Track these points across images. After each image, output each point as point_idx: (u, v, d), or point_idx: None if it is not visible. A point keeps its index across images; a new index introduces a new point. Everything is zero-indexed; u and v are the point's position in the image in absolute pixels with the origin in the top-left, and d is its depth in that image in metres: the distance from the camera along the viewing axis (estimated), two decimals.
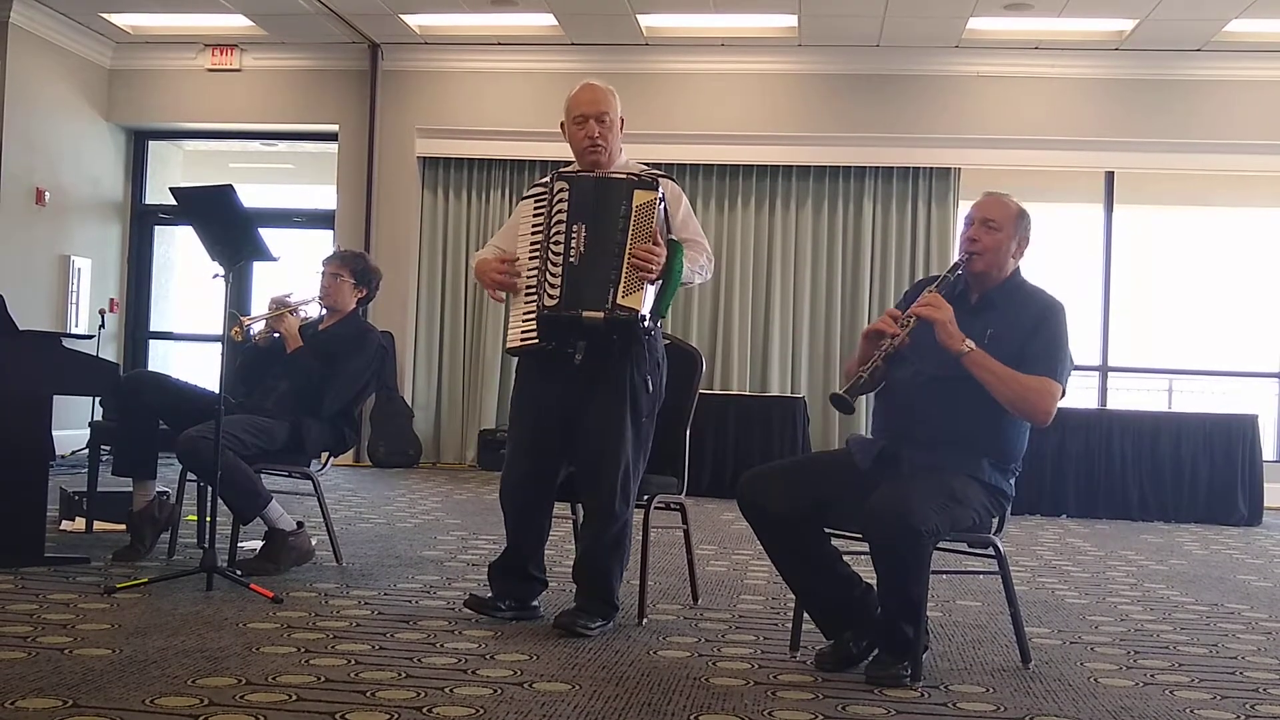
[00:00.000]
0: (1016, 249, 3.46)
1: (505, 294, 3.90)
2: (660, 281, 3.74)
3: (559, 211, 3.77)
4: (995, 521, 3.46)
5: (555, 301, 3.71)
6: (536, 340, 3.77)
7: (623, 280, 3.66)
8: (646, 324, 3.72)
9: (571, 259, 3.72)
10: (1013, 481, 3.46)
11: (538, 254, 3.78)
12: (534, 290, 3.76)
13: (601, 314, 3.67)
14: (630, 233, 3.67)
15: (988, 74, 9.70)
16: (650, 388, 3.84)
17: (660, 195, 3.73)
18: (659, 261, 3.68)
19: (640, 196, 3.70)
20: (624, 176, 3.80)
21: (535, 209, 3.84)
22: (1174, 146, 9.54)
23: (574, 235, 3.73)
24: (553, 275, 3.72)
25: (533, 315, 3.76)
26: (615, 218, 3.70)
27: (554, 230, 3.76)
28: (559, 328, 3.74)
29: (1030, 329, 3.37)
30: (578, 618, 3.75)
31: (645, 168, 3.94)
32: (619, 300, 3.65)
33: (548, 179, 3.87)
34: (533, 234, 3.81)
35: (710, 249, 3.98)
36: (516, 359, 4.03)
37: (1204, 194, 10.05)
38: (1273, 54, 9.29)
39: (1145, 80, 9.55)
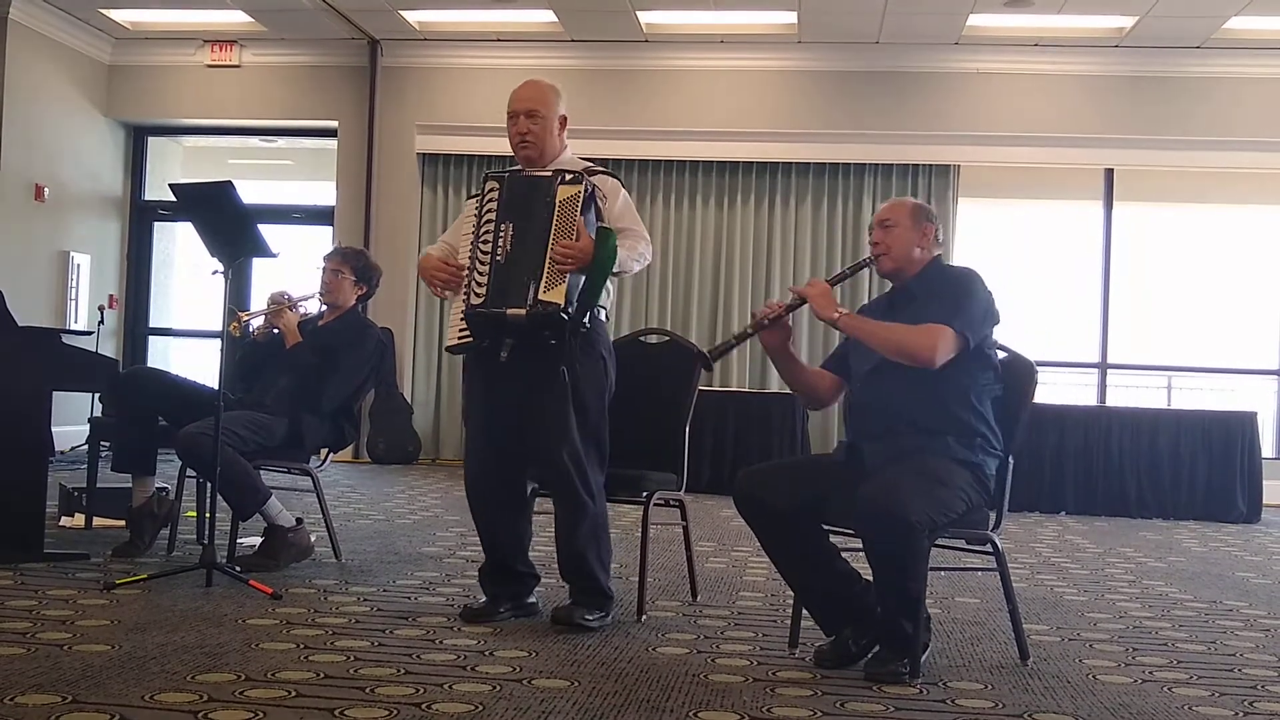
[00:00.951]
0: (922, 239, 3.57)
1: (450, 292, 3.88)
2: (586, 273, 3.72)
3: (489, 211, 3.78)
4: (992, 516, 3.47)
5: (481, 300, 3.72)
6: (471, 338, 3.78)
7: (544, 275, 3.65)
8: (570, 316, 3.68)
9: (498, 258, 3.72)
10: (992, 462, 3.45)
11: (472, 253, 3.79)
12: (468, 289, 3.77)
13: (524, 310, 3.66)
14: (553, 227, 3.67)
15: (987, 71, 9.69)
16: (585, 377, 3.78)
17: (588, 189, 3.72)
18: (578, 255, 3.65)
19: (564, 191, 3.70)
20: (549, 173, 3.79)
21: (476, 209, 3.84)
22: (1173, 144, 9.54)
23: (501, 234, 3.74)
24: (479, 274, 3.73)
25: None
26: (540, 214, 3.70)
27: (484, 229, 3.77)
28: (486, 325, 3.74)
29: (941, 298, 3.47)
30: (575, 610, 3.77)
31: (588, 164, 3.93)
32: (540, 295, 3.64)
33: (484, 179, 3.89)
34: (471, 234, 3.82)
35: (648, 237, 3.96)
36: (462, 359, 4.02)
37: (1203, 191, 10.04)
38: (1272, 51, 9.28)
39: (1145, 77, 9.54)
